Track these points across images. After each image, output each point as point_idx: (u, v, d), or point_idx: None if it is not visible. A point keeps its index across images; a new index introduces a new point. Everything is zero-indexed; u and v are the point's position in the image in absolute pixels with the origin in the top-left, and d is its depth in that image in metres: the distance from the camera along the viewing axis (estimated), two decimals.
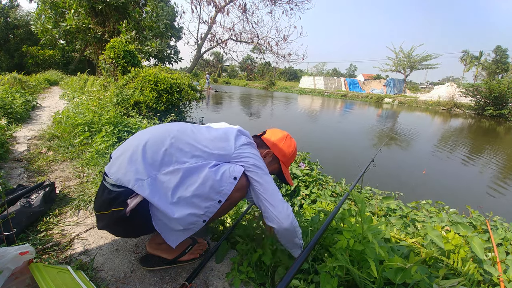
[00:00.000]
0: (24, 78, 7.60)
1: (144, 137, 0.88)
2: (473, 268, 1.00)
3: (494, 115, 16.25)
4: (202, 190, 0.83)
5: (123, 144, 0.94)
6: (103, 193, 0.85)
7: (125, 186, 0.80)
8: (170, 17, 10.66)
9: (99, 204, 0.87)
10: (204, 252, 1.11)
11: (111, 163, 0.88)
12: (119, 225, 0.88)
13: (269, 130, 1.14)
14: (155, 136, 0.89)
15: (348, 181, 2.76)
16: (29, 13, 17.26)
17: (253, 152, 0.96)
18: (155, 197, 0.79)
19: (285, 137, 1.12)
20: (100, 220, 0.91)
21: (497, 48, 30.21)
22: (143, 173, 0.80)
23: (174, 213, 0.81)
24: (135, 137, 0.93)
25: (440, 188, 4.29)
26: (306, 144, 6.11)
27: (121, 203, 0.81)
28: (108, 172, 0.85)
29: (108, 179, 0.84)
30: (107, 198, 0.82)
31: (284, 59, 12.41)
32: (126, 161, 0.83)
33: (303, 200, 2.25)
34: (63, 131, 2.83)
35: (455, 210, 1.70)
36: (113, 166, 0.85)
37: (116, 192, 0.81)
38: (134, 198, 0.80)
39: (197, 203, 0.84)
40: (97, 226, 0.95)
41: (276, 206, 0.90)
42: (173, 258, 1.03)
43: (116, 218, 0.82)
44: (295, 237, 0.96)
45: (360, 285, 0.89)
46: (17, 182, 1.68)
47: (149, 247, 1.05)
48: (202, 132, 0.96)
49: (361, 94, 28.34)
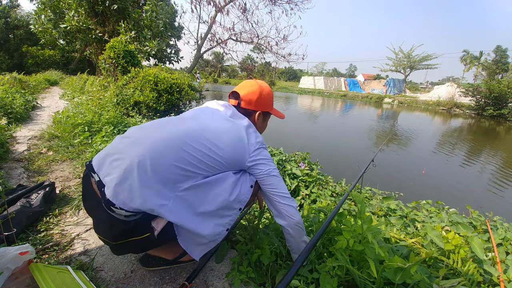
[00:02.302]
0: (24, 78, 7.60)
1: (146, 145, 0.77)
2: (473, 268, 1.00)
3: (494, 115, 16.25)
4: (226, 202, 0.85)
5: (112, 150, 0.81)
6: (113, 224, 0.75)
7: (138, 212, 0.74)
8: (169, 16, 10.66)
9: (114, 235, 0.77)
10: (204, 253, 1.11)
11: (115, 186, 0.72)
12: (144, 247, 0.87)
13: (240, 94, 1.03)
14: (158, 149, 0.77)
15: (348, 181, 2.76)
16: (29, 14, 17.26)
17: (265, 156, 0.94)
18: (181, 219, 0.77)
19: (259, 89, 1.04)
20: (118, 248, 0.84)
21: (497, 48, 30.20)
22: (163, 196, 0.74)
23: (201, 228, 0.81)
24: (132, 144, 0.80)
25: (440, 188, 4.29)
26: (306, 144, 6.11)
27: (144, 228, 0.76)
28: (114, 199, 0.72)
29: (119, 210, 0.72)
30: (125, 228, 0.75)
31: (284, 59, 12.41)
32: (139, 184, 0.72)
33: (303, 200, 2.25)
34: (63, 131, 2.83)
35: (455, 210, 1.70)
36: (119, 192, 0.72)
37: (134, 220, 0.74)
38: (159, 221, 0.77)
39: (221, 214, 0.85)
40: (114, 253, 0.90)
41: (287, 203, 0.91)
42: (173, 259, 1.02)
43: (142, 243, 0.79)
44: (304, 234, 0.97)
45: (360, 285, 0.89)
46: (17, 182, 1.68)
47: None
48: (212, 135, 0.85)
49: (361, 94, 28.33)
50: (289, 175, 2.47)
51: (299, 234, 0.95)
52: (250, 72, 16.33)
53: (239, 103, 1.04)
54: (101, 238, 0.84)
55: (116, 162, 0.76)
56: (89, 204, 0.87)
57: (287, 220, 0.92)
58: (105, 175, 0.75)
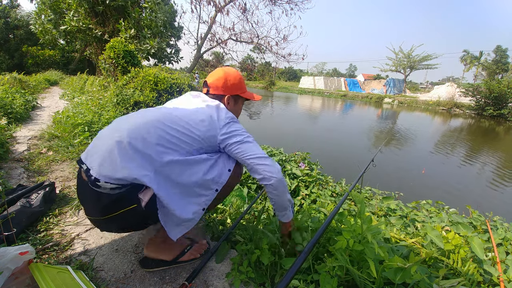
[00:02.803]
0: (24, 78, 7.60)
1: (122, 130, 0.83)
2: (473, 268, 1.00)
3: (494, 115, 16.25)
4: (202, 181, 0.90)
5: (96, 141, 0.87)
6: (100, 198, 0.80)
7: (128, 184, 0.79)
8: (168, 15, 10.65)
9: (102, 209, 0.82)
10: (204, 252, 1.12)
11: (98, 165, 0.79)
12: (132, 221, 0.88)
13: (209, 81, 1.11)
14: (136, 129, 0.84)
15: (348, 181, 2.76)
16: (29, 14, 17.26)
17: (236, 128, 0.99)
18: (161, 191, 0.82)
19: (225, 74, 1.11)
20: (106, 223, 0.86)
21: (497, 48, 30.19)
22: (144, 168, 0.80)
23: (178, 204, 0.86)
24: (108, 132, 0.87)
25: (440, 188, 4.29)
26: (306, 144, 6.11)
27: (130, 200, 0.81)
28: (99, 175, 0.78)
29: (104, 184, 0.77)
30: (112, 201, 0.79)
31: (284, 59, 12.40)
32: (120, 159, 0.78)
33: (303, 200, 2.25)
34: (63, 131, 2.83)
35: (455, 210, 1.70)
36: (103, 168, 0.78)
37: (119, 193, 0.79)
38: (146, 192, 0.82)
39: (197, 192, 0.91)
40: (100, 228, 0.93)
41: (267, 164, 0.95)
42: (173, 259, 1.04)
43: (131, 214, 0.83)
44: (287, 192, 1.02)
45: (360, 285, 0.89)
46: (17, 182, 1.68)
47: (147, 251, 1.04)
48: (184, 115, 0.94)
49: (361, 94, 28.33)
50: (289, 175, 2.47)
51: (283, 191, 0.98)
52: (250, 72, 16.33)
53: (208, 91, 1.11)
54: (92, 220, 0.88)
55: (97, 147, 0.84)
56: (81, 194, 0.90)
57: (270, 180, 0.94)
58: (91, 162, 0.82)
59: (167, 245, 1.04)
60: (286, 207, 1.03)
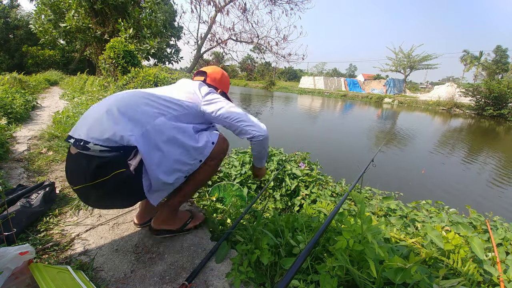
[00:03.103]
0: (24, 78, 7.59)
1: (110, 102, 0.90)
2: (473, 268, 1.00)
3: (494, 115, 16.25)
4: (187, 150, 0.96)
5: (83, 117, 0.91)
6: (89, 162, 0.81)
7: (117, 148, 0.82)
8: (168, 15, 10.66)
9: (91, 173, 0.82)
10: (202, 221, 1.32)
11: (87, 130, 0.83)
12: (120, 190, 0.88)
13: (207, 72, 1.26)
14: (123, 100, 0.92)
15: (348, 181, 2.76)
16: (29, 14, 17.26)
17: (216, 97, 1.10)
18: (146, 151, 0.86)
19: (221, 73, 1.29)
20: (95, 190, 0.85)
21: (497, 48, 30.20)
22: (131, 129, 0.84)
23: (161, 167, 0.90)
24: (97, 106, 0.92)
25: (440, 188, 4.29)
26: (306, 144, 6.11)
27: (119, 164, 0.83)
28: (87, 138, 0.81)
29: (94, 146, 0.80)
30: (100, 164, 0.81)
31: (284, 59, 12.41)
32: (108, 122, 0.83)
33: (303, 200, 2.25)
34: (63, 131, 2.83)
35: (455, 210, 1.70)
36: (91, 131, 0.82)
37: (108, 156, 0.81)
38: (134, 158, 0.84)
39: (182, 160, 0.96)
40: (88, 201, 0.95)
41: (254, 124, 1.08)
42: (178, 228, 1.22)
43: (120, 180, 0.84)
44: (268, 146, 1.18)
45: (360, 285, 0.89)
46: (17, 182, 1.68)
47: (155, 224, 1.17)
48: (169, 90, 1.05)
49: (361, 94, 28.34)
50: (289, 175, 2.47)
51: (267, 145, 1.15)
52: (250, 72, 16.33)
53: (205, 79, 1.24)
54: (80, 190, 0.88)
55: (86, 117, 0.89)
56: (69, 169, 0.90)
57: (259, 138, 1.07)
58: (79, 131, 0.85)
59: (172, 218, 1.19)
60: (264, 157, 1.23)
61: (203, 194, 1.86)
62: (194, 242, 1.23)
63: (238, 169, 2.46)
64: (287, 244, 1.11)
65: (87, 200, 0.95)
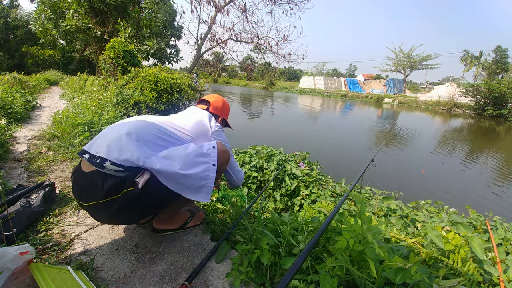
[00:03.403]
0: (24, 78, 7.59)
1: (131, 126, 1.00)
2: (473, 268, 1.00)
3: (494, 115, 16.25)
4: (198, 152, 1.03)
5: (101, 135, 1.00)
6: (104, 180, 0.88)
7: (130, 169, 0.90)
8: (168, 15, 10.64)
9: (104, 191, 0.88)
10: (202, 220, 1.37)
11: (106, 147, 0.91)
12: (130, 207, 0.93)
13: (210, 101, 1.39)
14: (140, 125, 1.02)
15: (348, 181, 2.76)
16: (29, 13, 17.25)
17: (223, 138, 1.26)
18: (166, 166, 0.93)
19: (222, 101, 1.44)
20: (105, 207, 0.91)
21: (497, 48, 30.20)
22: (147, 153, 0.94)
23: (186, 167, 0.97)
24: (116, 127, 1.01)
25: (440, 188, 4.29)
26: (306, 144, 6.11)
27: (130, 183, 0.90)
28: (107, 156, 0.89)
29: (109, 165, 0.88)
30: (114, 183, 0.88)
31: (284, 59, 12.41)
32: (127, 143, 0.93)
33: (303, 200, 2.25)
34: (63, 131, 2.83)
35: (455, 210, 1.70)
36: (110, 150, 0.91)
37: (122, 176, 0.89)
38: (141, 176, 0.92)
39: (199, 160, 1.02)
40: (97, 217, 1.02)
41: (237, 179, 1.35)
42: (179, 227, 1.27)
43: (130, 198, 0.90)
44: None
45: (360, 285, 0.89)
46: (17, 182, 1.68)
47: (156, 224, 1.23)
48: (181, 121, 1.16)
49: (361, 94, 28.34)
50: (289, 175, 2.47)
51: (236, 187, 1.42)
52: (250, 72, 16.34)
53: (208, 107, 1.37)
54: (90, 206, 0.93)
55: (105, 137, 0.97)
56: (79, 184, 0.95)
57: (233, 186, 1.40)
58: (97, 148, 0.93)
59: (172, 218, 1.26)
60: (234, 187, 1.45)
61: None
62: (194, 242, 1.23)
63: None
64: (287, 244, 1.11)
65: (97, 217, 1.02)
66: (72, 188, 1.00)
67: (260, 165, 2.57)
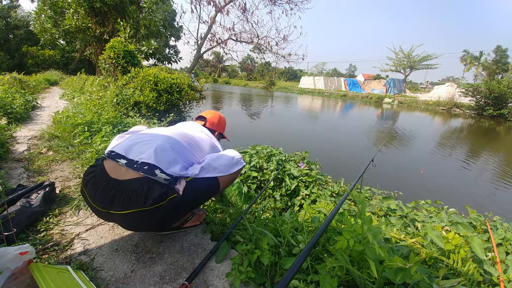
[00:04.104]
0: (24, 78, 7.58)
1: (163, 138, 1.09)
2: (473, 268, 1.00)
3: (494, 115, 16.25)
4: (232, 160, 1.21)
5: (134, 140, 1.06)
6: (152, 187, 0.90)
7: (175, 178, 0.97)
8: (167, 15, 10.63)
9: (151, 198, 0.90)
10: (202, 220, 1.37)
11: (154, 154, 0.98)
12: (171, 213, 0.99)
13: (207, 117, 1.53)
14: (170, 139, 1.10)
15: (348, 181, 2.75)
16: (29, 14, 17.23)
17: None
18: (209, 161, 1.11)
19: (219, 117, 1.56)
20: (150, 215, 0.93)
21: (497, 48, 30.18)
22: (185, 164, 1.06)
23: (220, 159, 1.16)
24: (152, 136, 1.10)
25: (439, 188, 4.29)
26: (305, 143, 6.11)
27: (172, 191, 0.95)
28: (160, 164, 0.95)
29: (160, 174, 0.93)
30: (161, 191, 0.91)
31: (284, 59, 12.39)
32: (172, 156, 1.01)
33: (303, 200, 2.25)
34: (63, 131, 2.83)
35: (454, 210, 1.70)
36: (161, 160, 0.97)
37: (167, 184, 0.94)
38: (179, 184, 0.99)
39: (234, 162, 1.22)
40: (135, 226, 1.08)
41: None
42: (178, 226, 1.27)
43: (173, 204, 0.95)
44: None
45: (360, 285, 0.89)
46: (17, 182, 1.68)
47: None
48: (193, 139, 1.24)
49: (361, 94, 28.34)
50: (289, 175, 2.47)
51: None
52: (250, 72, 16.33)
53: (205, 123, 1.50)
54: (126, 214, 0.91)
55: (145, 144, 1.03)
56: (108, 193, 0.92)
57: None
58: (138, 154, 0.98)
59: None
60: None
61: None
62: (194, 242, 1.23)
63: None
64: (287, 244, 1.11)
65: (133, 225, 1.04)
66: (89, 193, 0.96)
67: (260, 165, 2.57)
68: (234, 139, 5.29)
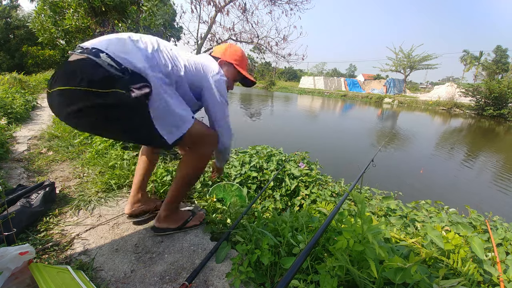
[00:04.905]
0: (24, 78, 7.59)
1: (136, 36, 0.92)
2: (473, 268, 1.00)
3: (494, 115, 16.25)
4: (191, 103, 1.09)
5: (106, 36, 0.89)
6: (93, 70, 0.76)
7: (126, 71, 0.79)
8: (167, 16, 10.63)
9: (90, 79, 0.75)
10: (202, 220, 1.35)
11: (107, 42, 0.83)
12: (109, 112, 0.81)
13: (214, 49, 1.29)
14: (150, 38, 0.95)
15: (348, 181, 2.76)
16: (30, 14, 17.23)
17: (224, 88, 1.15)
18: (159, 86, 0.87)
19: (229, 45, 1.28)
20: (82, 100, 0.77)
21: (497, 48, 30.17)
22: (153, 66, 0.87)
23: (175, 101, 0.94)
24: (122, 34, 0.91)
25: (439, 188, 4.29)
26: (305, 143, 6.11)
27: (121, 85, 0.78)
28: (105, 49, 0.79)
29: (105, 57, 0.78)
30: (104, 75, 0.76)
31: (284, 59, 12.36)
32: (131, 47, 0.84)
33: (303, 200, 2.25)
34: (63, 131, 2.83)
35: (454, 210, 1.70)
36: (112, 47, 0.81)
37: (113, 72, 0.77)
38: (142, 88, 0.81)
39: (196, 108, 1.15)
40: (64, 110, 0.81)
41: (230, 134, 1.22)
42: (178, 227, 1.26)
43: (115, 101, 0.78)
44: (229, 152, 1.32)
45: (360, 285, 0.89)
46: (17, 182, 1.68)
47: (157, 223, 1.23)
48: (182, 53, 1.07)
49: (361, 94, 28.33)
50: (289, 175, 2.47)
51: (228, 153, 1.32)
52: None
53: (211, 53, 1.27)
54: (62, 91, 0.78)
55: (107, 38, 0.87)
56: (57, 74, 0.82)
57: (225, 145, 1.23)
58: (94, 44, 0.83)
59: (172, 217, 1.24)
60: (224, 160, 1.38)
61: (203, 194, 1.86)
62: (194, 242, 1.23)
63: (238, 169, 2.46)
64: (287, 244, 1.11)
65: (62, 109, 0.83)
66: (51, 78, 0.83)
67: (260, 165, 2.57)
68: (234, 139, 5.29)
